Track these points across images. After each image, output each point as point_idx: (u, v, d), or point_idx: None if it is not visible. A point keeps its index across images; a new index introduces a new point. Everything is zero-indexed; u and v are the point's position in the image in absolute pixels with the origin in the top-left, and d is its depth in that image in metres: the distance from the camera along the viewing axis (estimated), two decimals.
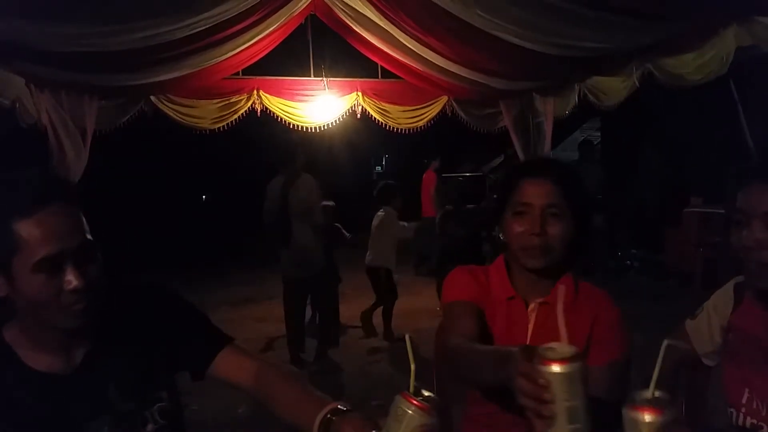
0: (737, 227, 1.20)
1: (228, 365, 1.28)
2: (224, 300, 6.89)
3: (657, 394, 0.81)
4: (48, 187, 1.06)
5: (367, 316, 5.75)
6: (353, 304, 6.93)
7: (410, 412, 0.89)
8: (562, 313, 0.91)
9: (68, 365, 1.13)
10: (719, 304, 1.40)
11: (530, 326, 1.41)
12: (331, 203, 6.35)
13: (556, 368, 0.83)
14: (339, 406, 1.07)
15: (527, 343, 1.37)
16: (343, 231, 5.65)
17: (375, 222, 5.64)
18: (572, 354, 0.84)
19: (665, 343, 0.84)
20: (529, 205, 1.35)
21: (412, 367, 0.93)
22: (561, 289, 1.06)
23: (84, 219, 1.09)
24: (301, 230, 4.77)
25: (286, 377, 1.26)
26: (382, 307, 5.76)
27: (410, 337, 0.96)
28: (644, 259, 7.83)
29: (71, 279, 1.03)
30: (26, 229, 1.00)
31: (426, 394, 0.93)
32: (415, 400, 0.90)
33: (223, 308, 6.72)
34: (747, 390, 1.24)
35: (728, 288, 1.40)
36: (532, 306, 1.42)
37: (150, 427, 1.16)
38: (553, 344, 0.87)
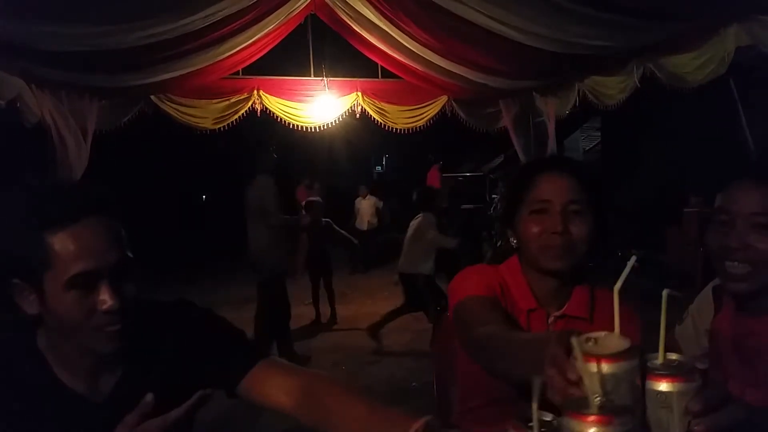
0: (718, 226, 1.16)
1: (261, 384, 1.13)
2: (224, 300, 6.88)
3: (672, 356, 0.69)
4: (85, 198, 0.98)
5: (388, 318, 5.35)
6: (353, 304, 6.94)
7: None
8: (617, 295, 0.76)
9: (97, 391, 1.06)
10: (702, 308, 1.37)
11: None
12: (317, 199, 6.35)
13: (598, 366, 0.66)
14: (429, 421, 0.86)
15: None
16: (335, 227, 5.61)
17: (412, 226, 5.22)
18: (621, 350, 0.68)
19: (666, 292, 0.73)
20: (549, 202, 1.23)
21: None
22: (627, 267, 0.81)
23: (124, 234, 1.01)
24: (256, 232, 4.69)
25: (342, 391, 1.07)
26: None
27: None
28: (644, 259, 7.82)
29: (105, 298, 0.96)
30: (60, 243, 0.93)
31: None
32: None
33: (224, 308, 6.70)
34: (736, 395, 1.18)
35: (707, 292, 1.36)
36: (551, 319, 1.31)
37: None
38: (601, 333, 0.72)
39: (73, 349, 1.02)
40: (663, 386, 0.66)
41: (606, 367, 0.66)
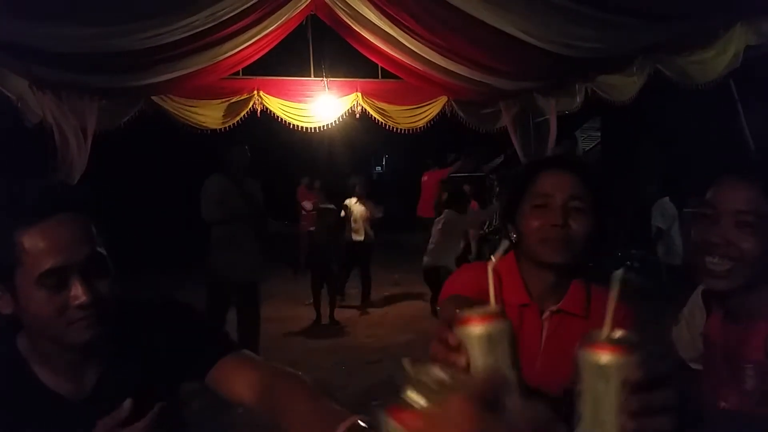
0: (702, 221, 1.15)
1: (227, 376, 1.14)
2: None
3: (618, 334, 0.67)
4: (53, 196, 0.99)
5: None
6: (353, 303, 6.94)
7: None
8: (492, 272, 0.83)
9: (79, 390, 1.07)
10: (694, 312, 1.36)
11: (543, 335, 1.30)
12: (331, 206, 6.35)
13: (472, 329, 0.71)
14: (359, 422, 0.86)
15: (540, 353, 1.28)
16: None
17: (437, 226, 5.81)
18: (493, 312, 0.73)
19: (619, 272, 0.71)
20: (551, 197, 1.25)
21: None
22: (499, 254, 0.89)
23: (94, 230, 1.02)
24: (237, 234, 4.39)
25: (296, 388, 1.07)
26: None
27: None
28: (644, 259, 7.82)
29: (77, 294, 0.96)
30: (29, 240, 0.94)
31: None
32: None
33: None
34: (723, 402, 1.17)
35: (697, 296, 1.35)
36: (546, 314, 1.32)
37: None
38: (486, 306, 0.77)
39: (51, 346, 1.02)
40: (603, 358, 0.65)
41: (478, 329, 0.70)
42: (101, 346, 1.05)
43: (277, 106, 5.23)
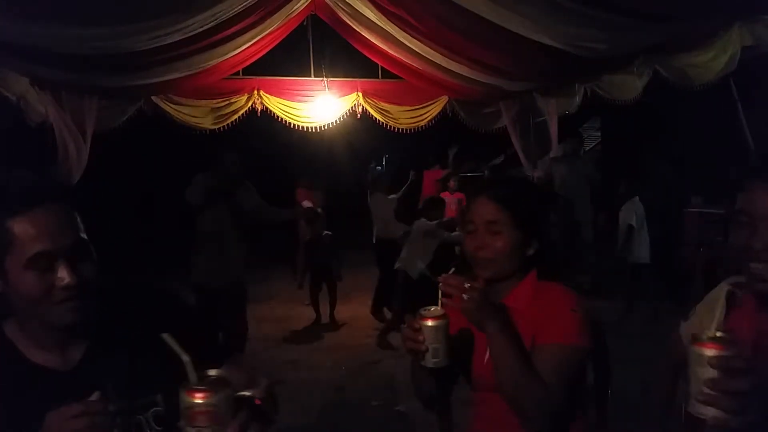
0: (740, 228, 1.17)
1: None
2: None
3: (719, 333, 0.94)
4: (41, 186, 1.08)
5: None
6: (354, 303, 6.93)
7: (196, 401, 0.88)
8: (441, 286, 1.31)
9: (67, 362, 1.14)
10: (715, 308, 1.36)
11: None
12: (318, 210, 6.22)
13: (427, 322, 1.28)
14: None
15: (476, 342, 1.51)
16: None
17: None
18: (439, 314, 1.28)
19: (726, 287, 1.05)
20: (474, 223, 1.50)
21: (184, 359, 0.93)
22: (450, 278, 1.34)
23: (78, 218, 1.11)
24: (231, 240, 4.25)
25: None
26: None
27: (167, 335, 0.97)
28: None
29: (63, 276, 1.04)
30: (19, 226, 1.03)
31: (210, 374, 0.94)
32: (195, 391, 0.89)
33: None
34: None
35: (719, 293, 1.37)
36: None
37: None
38: (431, 307, 1.30)
39: (38, 326, 1.11)
40: (707, 352, 0.91)
41: (427, 324, 1.28)
42: (86, 324, 1.13)
43: (277, 105, 5.23)
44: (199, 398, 0.88)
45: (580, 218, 6.60)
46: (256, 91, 5.15)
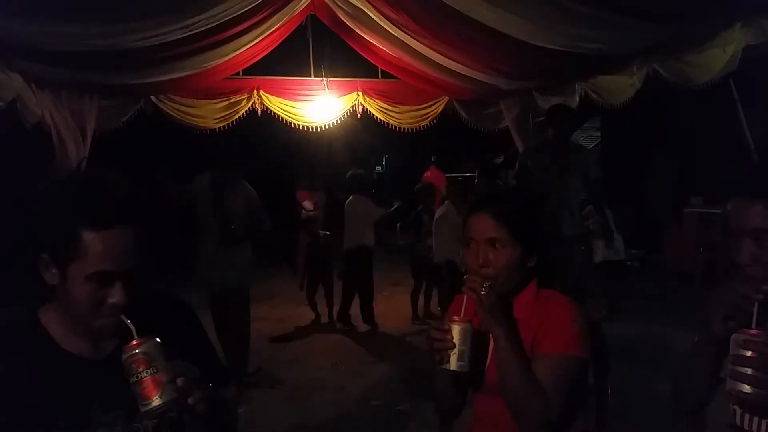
0: (731, 238, 1.19)
1: None
2: None
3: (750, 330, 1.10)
4: (125, 208, 1.11)
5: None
6: (354, 303, 6.93)
7: (134, 352, 1.03)
8: (468, 300, 1.40)
9: (99, 353, 1.20)
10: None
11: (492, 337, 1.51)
12: (316, 213, 6.24)
13: (457, 325, 1.35)
14: None
15: (490, 350, 1.50)
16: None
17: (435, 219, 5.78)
18: (466, 319, 1.37)
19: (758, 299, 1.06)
20: (474, 240, 1.50)
21: (129, 324, 1.08)
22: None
23: (145, 244, 1.14)
24: (228, 241, 4.25)
25: None
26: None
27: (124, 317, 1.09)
28: (644, 259, 7.83)
29: (116, 295, 1.10)
30: (91, 242, 1.07)
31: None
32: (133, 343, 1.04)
33: None
34: None
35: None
36: None
37: None
38: (455, 317, 1.38)
39: (76, 322, 1.17)
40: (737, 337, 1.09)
41: (456, 326, 1.36)
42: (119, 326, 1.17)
43: (277, 105, 5.23)
44: (132, 346, 1.03)
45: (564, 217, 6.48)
46: (256, 91, 5.15)
